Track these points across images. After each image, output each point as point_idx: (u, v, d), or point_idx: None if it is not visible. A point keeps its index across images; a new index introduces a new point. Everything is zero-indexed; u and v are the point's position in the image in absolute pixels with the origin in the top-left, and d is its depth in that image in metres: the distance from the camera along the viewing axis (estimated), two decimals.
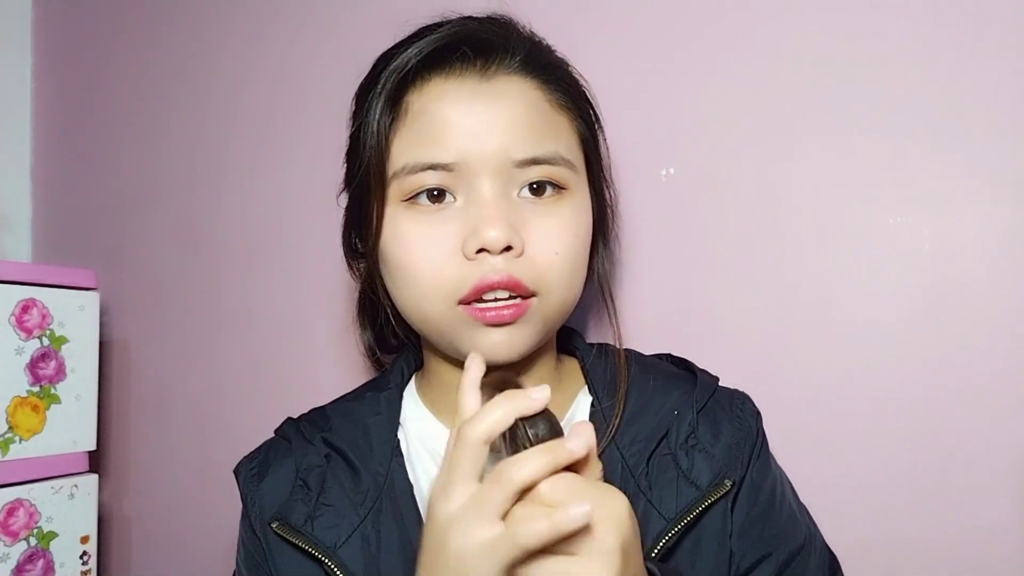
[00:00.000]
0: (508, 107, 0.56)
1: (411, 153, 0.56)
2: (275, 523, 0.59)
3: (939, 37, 0.70)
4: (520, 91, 0.57)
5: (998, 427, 0.67)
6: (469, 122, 0.56)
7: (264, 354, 1.05)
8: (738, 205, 0.77)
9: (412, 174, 0.56)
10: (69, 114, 1.29)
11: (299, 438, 0.65)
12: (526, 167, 0.56)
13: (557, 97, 0.60)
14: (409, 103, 0.57)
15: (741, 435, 0.61)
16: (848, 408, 0.72)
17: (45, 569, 0.99)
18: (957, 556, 0.68)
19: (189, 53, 1.15)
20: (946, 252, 0.70)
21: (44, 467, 1.00)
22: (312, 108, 1.03)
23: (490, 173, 0.55)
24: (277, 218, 1.05)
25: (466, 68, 0.57)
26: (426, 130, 0.56)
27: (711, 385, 0.65)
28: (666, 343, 0.75)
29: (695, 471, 0.59)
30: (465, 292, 0.55)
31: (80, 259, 1.23)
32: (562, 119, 0.60)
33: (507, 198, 0.56)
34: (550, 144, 0.57)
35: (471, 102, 0.56)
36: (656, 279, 0.81)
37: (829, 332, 0.73)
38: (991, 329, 0.68)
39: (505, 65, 0.58)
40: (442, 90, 0.57)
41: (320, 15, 1.03)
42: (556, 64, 0.62)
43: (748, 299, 0.77)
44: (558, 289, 0.58)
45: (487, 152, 0.55)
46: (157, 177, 1.17)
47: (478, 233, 0.54)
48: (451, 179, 0.56)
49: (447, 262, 0.55)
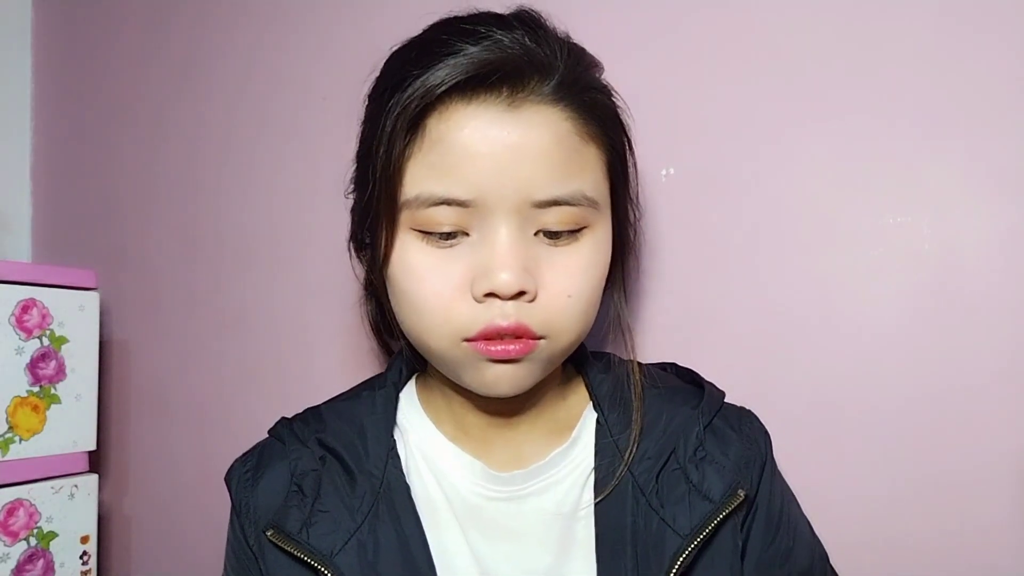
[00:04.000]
0: (533, 140, 0.52)
1: (426, 183, 0.53)
2: (270, 531, 0.58)
3: (939, 37, 0.70)
4: (549, 122, 0.53)
5: (999, 428, 0.67)
6: (490, 155, 0.51)
7: (264, 354, 1.05)
8: (738, 205, 0.77)
9: (425, 207, 0.53)
10: (69, 114, 1.29)
11: (293, 439, 0.63)
12: (546, 208, 0.53)
13: (588, 128, 0.55)
14: (428, 127, 0.53)
15: (750, 453, 0.60)
16: (848, 408, 0.72)
17: (45, 569, 0.99)
18: (958, 559, 0.68)
19: (189, 53, 1.15)
20: (946, 253, 0.70)
21: (44, 467, 1.00)
22: (313, 108, 1.03)
23: (507, 212, 0.52)
24: (277, 218, 1.05)
25: (492, 94, 0.52)
26: (444, 160, 0.52)
27: (718, 400, 0.63)
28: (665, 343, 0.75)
29: (707, 484, 0.57)
30: (472, 334, 0.53)
31: (80, 259, 1.23)
32: (591, 150, 0.56)
33: (523, 238, 0.53)
34: (575, 183, 0.53)
35: (496, 133, 0.52)
36: (656, 279, 0.81)
37: (828, 332, 0.73)
38: (992, 329, 0.68)
39: (536, 92, 0.53)
40: (464, 116, 0.52)
41: (321, 15, 1.03)
42: (589, 87, 0.57)
43: (748, 299, 0.77)
44: (568, 331, 0.55)
45: (506, 190, 0.52)
46: (157, 177, 1.17)
47: (490, 277, 0.51)
48: (466, 215, 0.53)
49: (456, 300, 0.53)
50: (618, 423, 0.61)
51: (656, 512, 0.56)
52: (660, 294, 0.81)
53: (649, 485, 0.57)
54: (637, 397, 0.61)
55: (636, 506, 0.57)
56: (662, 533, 0.56)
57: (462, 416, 0.63)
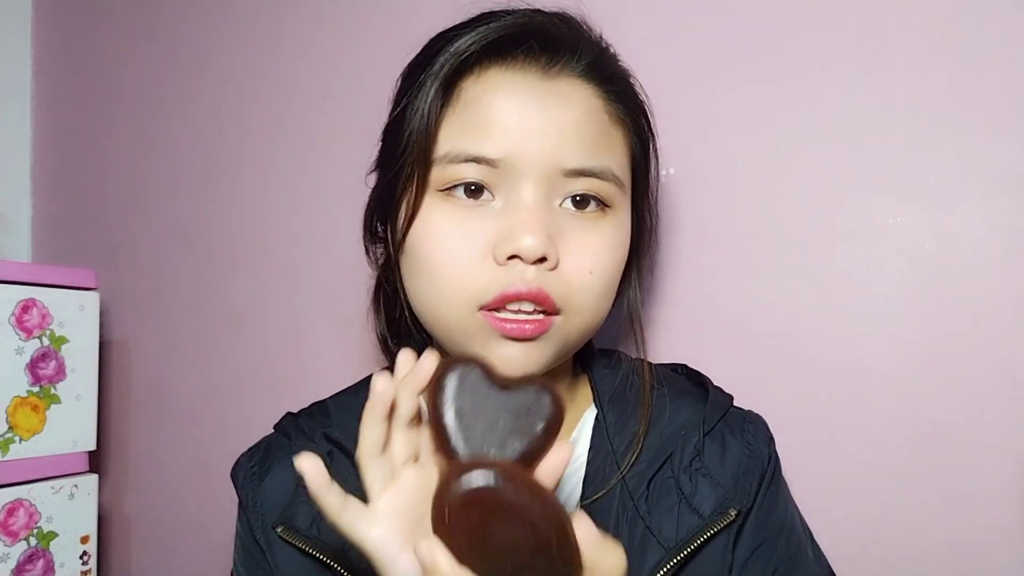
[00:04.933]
0: (566, 111, 0.53)
1: (456, 141, 0.53)
2: (280, 527, 0.57)
3: (939, 36, 0.70)
4: (581, 96, 0.54)
5: (999, 427, 0.67)
6: (523, 119, 0.52)
7: (264, 354, 1.05)
8: (738, 205, 0.77)
9: (453, 163, 0.53)
10: (69, 114, 1.29)
11: (299, 434, 0.63)
12: (574, 177, 0.53)
13: (617, 109, 0.57)
14: (463, 88, 0.54)
15: (750, 462, 0.58)
16: (847, 408, 0.72)
17: (45, 569, 0.99)
18: (958, 559, 0.68)
19: (190, 53, 1.15)
20: (946, 251, 0.70)
21: (44, 467, 1.00)
22: (313, 109, 1.03)
23: (536, 177, 0.52)
24: (277, 218, 1.05)
25: (529, 62, 0.54)
26: (476, 120, 0.53)
27: (723, 405, 0.62)
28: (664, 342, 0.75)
29: (698, 497, 0.56)
30: (489, 299, 0.51)
31: (80, 259, 1.23)
32: (618, 133, 0.57)
33: (549, 206, 0.53)
34: (603, 157, 0.54)
35: (529, 98, 0.53)
36: (655, 279, 0.81)
37: (828, 332, 0.73)
38: (992, 329, 0.68)
39: (570, 67, 0.54)
40: (500, 80, 0.53)
41: (319, 18, 1.03)
42: (620, 75, 0.59)
43: (747, 299, 0.77)
44: (585, 310, 0.54)
45: (536, 155, 0.52)
46: (157, 177, 1.17)
47: (514, 238, 0.51)
48: (493, 176, 0.52)
49: (475, 263, 0.52)
50: (615, 423, 0.60)
51: (643, 519, 0.55)
52: (660, 293, 0.80)
53: (639, 490, 0.56)
54: (646, 397, 0.60)
55: (623, 510, 0.56)
56: (646, 541, 0.54)
57: None
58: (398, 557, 0.44)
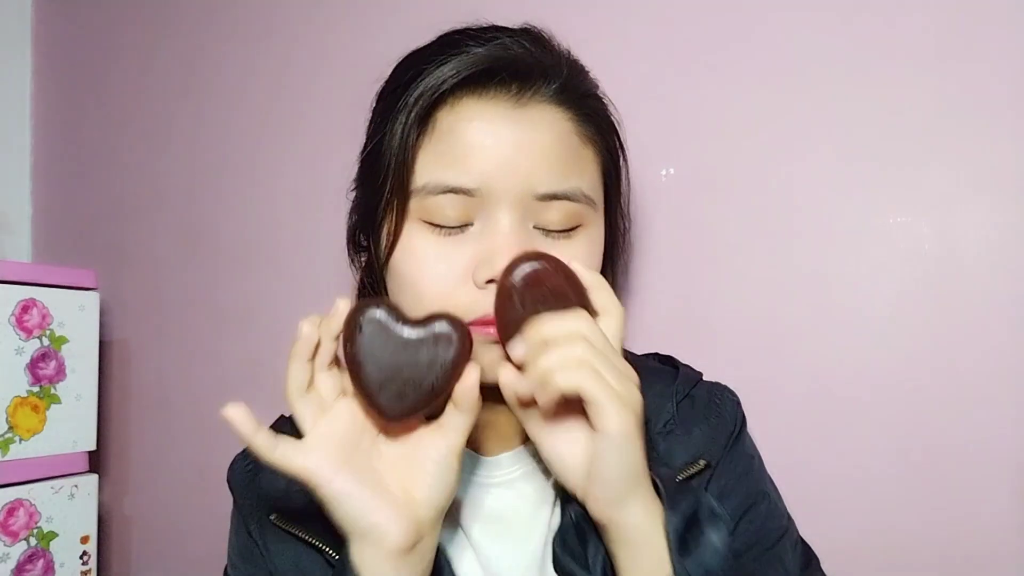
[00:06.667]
0: (538, 136, 0.55)
1: (433, 172, 0.55)
2: (274, 515, 0.59)
3: (938, 37, 0.70)
4: (552, 121, 0.56)
5: (997, 426, 0.67)
6: (497, 148, 0.54)
7: (264, 354, 1.05)
8: (738, 205, 0.77)
9: (433, 195, 0.55)
10: (69, 114, 1.29)
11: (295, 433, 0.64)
12: (547, 201, 0.55)
13: (587, 130, 0.58)
14: (438, 119, 0.56)
15: (720, 424, 0.62)
16: (847, 408, 0.72)
17: (45, 569, 0.99)
18: (956, 553, 0.68)
19: (190, 54, 1.15)
20: (946, 252, 0.70)
21: (44, 467, 1.00)
22: (313, 109, 1.03)
23: (510, 203, 0.54)
24: (277, 218, 1.05)
25: (501, 91, 0.55)
26: (452, 150, 0.55)
27: (693, 378, 0.65)
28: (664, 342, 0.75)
29: (670, 454, 0.59)
30: (471, 319, 0.54)
31: (80, 259, 1.23)
32: (588, 152, 0.58)
33: (524, 229, 0.55)
34: (574, 179, 0.56)
35: (501, 127, 0.55)
36: (655, 279, 0.81)
37: (828, 332, 0.73)
38: (991, 329, 0.68)
39: (541, 92, 0.56)
40: (474, 111, 0.55)
41: (323, 21, 1.03)
42: (589, 93, 0.60)
43: (747, 298, 0.77)
44: None
45: (511, 182, 0.54)
46: (157, 177, 1.17)
47: (491, 264, 0.53)
48: (471, 204, 0.55)
49: (457, 286, 0.55)
50: None
51: None
52: (660, 293, 0.81)
53: None
54: None
55: None
56: None
57: None
58: (333, 480, 0.48)
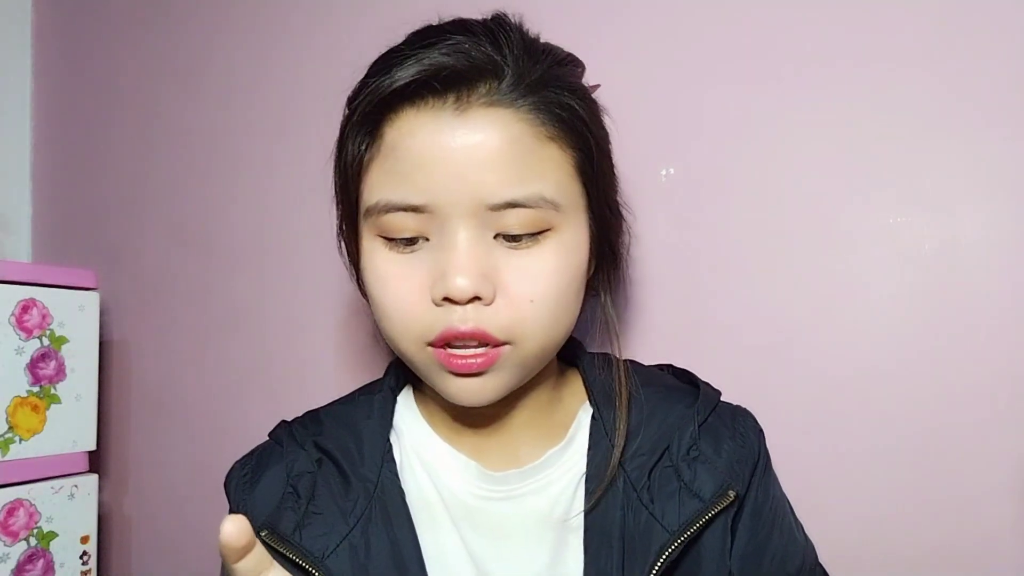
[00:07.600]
0: (484, 144, 0.51)
1: (383, 190, 0.54)
2: (264, 531, 0.58)
3: (939, 36, 0.70)
4: (500, 124, 0.52)
5: (999, 429, 0.67)
6: (441, 161, 0.51)
7: (264, 354, 1.05)
8: (738, 205, 0.77)
9: (385, 213, 0.54)
10: (69, 114, 1.29)
11: (291, 442, 0.64)
12: (502, 210, 0.52)
13: (546, 128, 0.54)
14: (384, 134, 0.54)
15: (743, 452, 0.61)
16: (847, 409, 0.72)
17: (45, 569, 0.99)
18: (958, 559, 0.68)
19: (190, 54, 1.15)
20: (946, 252, 0.70)
21: (44, 467, 1.00)
22: (312, 109, 1.03)
23: (463, 216, 0.52)
24: (277, 218, 1.05)
25: (439, 100, 0.52)
26: (398, 167, 0.53)
27: (713, 399, 0.64)
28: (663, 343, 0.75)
29: (698, 482, 0.57)
30: (433, 337, 0.53)
31: (80, 259, 1.23)
32: (551, 151, 0.54)
33: (482, 242, 0.53)
34: (532, 184, 0.52)
35: (444, 138, 0.51)
36: (655, 279, 0.81)
37: (828, 332, 0.73)
38: (992, 330, 0.68)
39: (484, 95, 0.52)
40: (414, 125, 0.52)
41: (312, 18, 1.03)
42: (551, 86, 0.55)
43: (747, 299, 0.77)
44: (534, 337, 0.54)
45: (460, 194, 0.51)
46: (157, 177, 1.17)
47: (444, 281, 0.52)
48: (424, 221, 0.53)
49: (416, 305, 0.54)
50: (613, 420, 0.61)
51: (646, 508, 0.57)
52: (659, 294, 0.80)
53: (641, 481, 0.58)
54: (623, 396, 0.62)
55: (627, 501, 0.57)
56: (650, 528, 0.56)
57: (456, 417, 0.63)
58: None
